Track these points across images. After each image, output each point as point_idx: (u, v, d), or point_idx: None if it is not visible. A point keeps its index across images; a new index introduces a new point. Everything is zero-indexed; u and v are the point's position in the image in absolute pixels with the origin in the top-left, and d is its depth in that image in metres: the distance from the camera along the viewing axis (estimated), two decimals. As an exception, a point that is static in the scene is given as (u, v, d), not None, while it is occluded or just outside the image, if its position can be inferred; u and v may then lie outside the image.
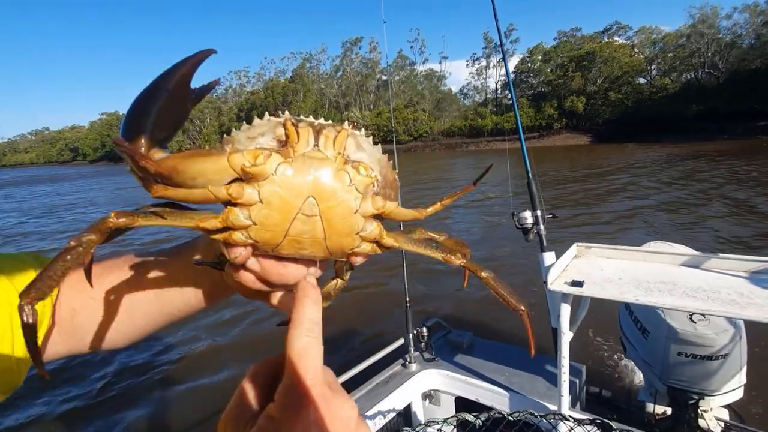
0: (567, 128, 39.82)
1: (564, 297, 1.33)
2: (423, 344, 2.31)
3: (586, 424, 0.97)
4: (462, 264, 0.42)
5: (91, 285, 0.35)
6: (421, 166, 25.81)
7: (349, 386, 2.08)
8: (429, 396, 2.24)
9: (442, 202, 0.43)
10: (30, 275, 0.44)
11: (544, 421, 1.03)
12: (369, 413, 1.94)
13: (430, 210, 0.42)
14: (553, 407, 1.58)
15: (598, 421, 0.97)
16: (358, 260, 0.40)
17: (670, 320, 1.84)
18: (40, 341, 0.42)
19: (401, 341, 2.31)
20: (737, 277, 1.27)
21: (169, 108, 0.33)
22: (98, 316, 0.47)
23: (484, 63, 51.63)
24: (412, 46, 61.76)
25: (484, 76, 51.99)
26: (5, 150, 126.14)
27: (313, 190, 0.33)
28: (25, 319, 0.30)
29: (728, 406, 2.03)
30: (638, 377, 2.69)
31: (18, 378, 0.42)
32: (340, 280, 0.48)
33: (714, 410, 1.98)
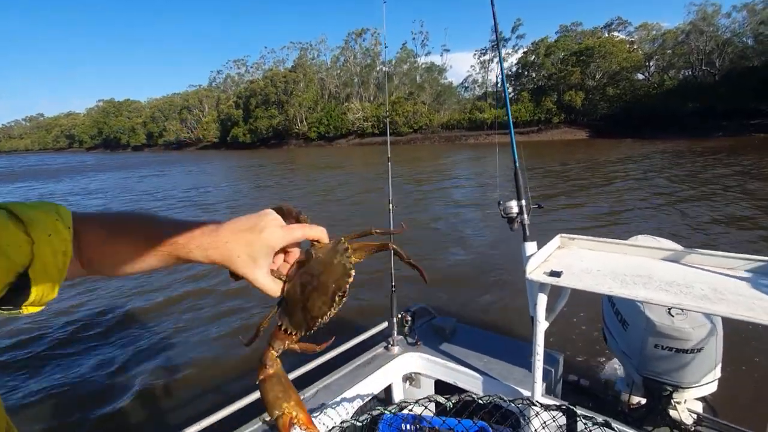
0: (565, 123, 39.79)
1: (541, 286, 1.35)
2: (407, 328, 2.35)
3: (552, 410, 0.99)
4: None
5: None
6: (418, 160, 25.69)
7: (331, 366, 2.11)
8: (410, 378, 2.29)
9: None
10: (51, 219, 0.51)
11: (512, 405, 1.04)
12: (349, 392, 1.97)
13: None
14: (527, 393, 1.61)
15: (564, 407, 0.99)
16: None
17: (649, 313, 1.87)
18: (66, 268, 0.51)
19: (385, 325, 2.34)
20: (714, 273, 1.28)
21: None
22: (110, 257, 0.56)
23: (489, 56, 50.85)
24: (414, 38, 61.21)
25: (486, 69, 51.32)
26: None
27: None
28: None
29: (702, 399, 2.07)
30: (618, 368, 2.74)
31: (53, 294, 0.51)
32: None
33: (688, 402, 2.02)
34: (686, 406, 2.00)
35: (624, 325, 2.08)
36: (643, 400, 2.07)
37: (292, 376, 1.95)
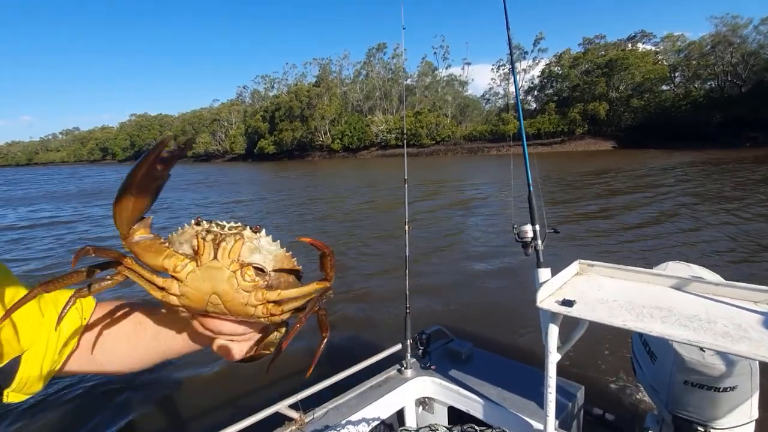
0: (589, 134, 39.37)
1: (553, 316, 1.30)
2: (421, 351, 2.31)
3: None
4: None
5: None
6: (439, 171, 25.60)
7: (342, 386, 2.10)
8: (423, 403, 2.24)
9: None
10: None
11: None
12: (359, 414, 1.95)
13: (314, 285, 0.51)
14: (540, 427, 1.54)
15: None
16: (266, 322, 0.51)
17: (677, 346, 1.76)
18: (62, 361, 0.55)
19: (398, 347, 2.31)
20: (741, 308, 1.20)
21: (138, 201, 0.43)
22: (111, 345, 0.60)
23: (507, 69, 50.82)
24: (435, 52, 62.48)
25: (507, 81, 51.19)
26: (37, 149, 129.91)
27: (212, 291, 0.47)
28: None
29: None
30: (648, 402, 2.58)
31: (39, 386, 0.53)
32: (277, 333, 0.58)
33: None
34: (720, 448, 1.85)
35: (652, 358, 1.97)
36: (673, 440, 1.94)
37: (301, 395, 1.95)
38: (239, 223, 0.49)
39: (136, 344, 0.60)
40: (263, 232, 0.49)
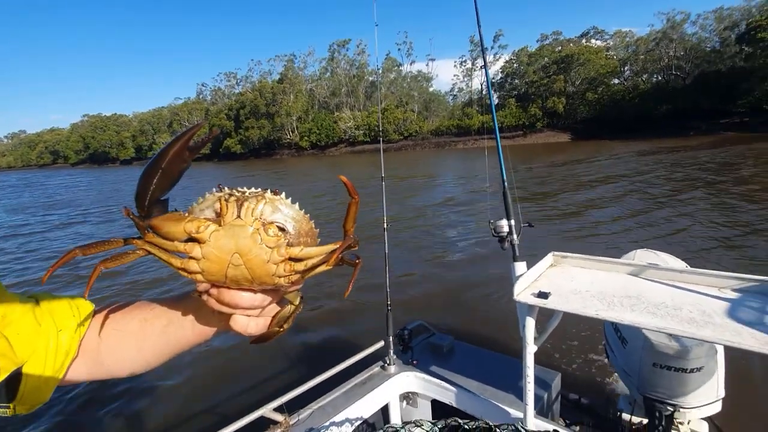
0: (548, 127, 41.12)
1: (529, 309, 1.33)
2: (403, 347, 2.33)
3: (538, 436, 0.97)
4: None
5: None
6: (409, 167, 25.73)
7: (327, 386, 2.09)
8: (407, 398, 2.26)
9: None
10: (67, 315, 0.55)
11: (498, 430, 1.03)
12: (345, 413, 1.94)
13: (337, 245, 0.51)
14: (521, 415, 1.58)
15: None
16: (288, 289, 0.53)
17: (646, 331, 1.83)
18: (65, 369, 0.53)
19: (381, 343, 2.32)
20: (705, 294, 1.26)
21: (163, 180, 0.45)
22: (117, 346, 0.58)
23: (470, 65, 51.69)
24: (399, 48, 63.34)
25: (470, 77, 52.04)
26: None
27: (235, 249, 0.47)
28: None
29: (708, 419, 2.02)
30: (621, 386, 2.69)
31: (44, 396, 0.52)
32: (291, 306, 0.58)
33: (692, 423, 1.97)
34: (689, 426, 1.94)
35: (623, 343, 2.05)
36: (645, 421, 2.03)
37: (286, 398, 1.93)
38: (259, 189, 0.52)
39: (143, 342, 0.59)
40: (283, 194, 0.52)
